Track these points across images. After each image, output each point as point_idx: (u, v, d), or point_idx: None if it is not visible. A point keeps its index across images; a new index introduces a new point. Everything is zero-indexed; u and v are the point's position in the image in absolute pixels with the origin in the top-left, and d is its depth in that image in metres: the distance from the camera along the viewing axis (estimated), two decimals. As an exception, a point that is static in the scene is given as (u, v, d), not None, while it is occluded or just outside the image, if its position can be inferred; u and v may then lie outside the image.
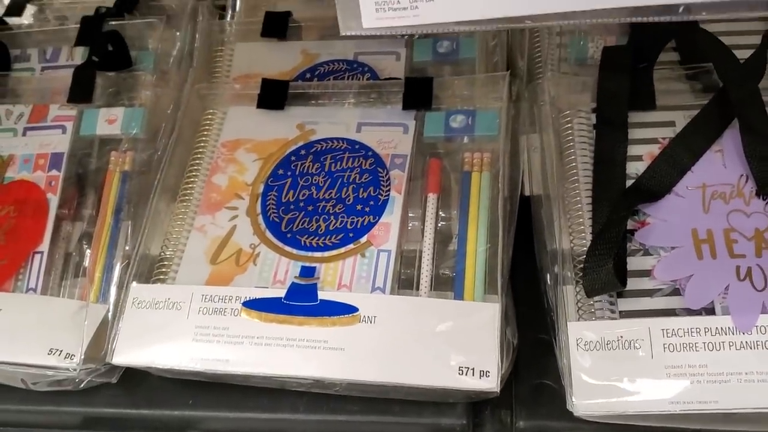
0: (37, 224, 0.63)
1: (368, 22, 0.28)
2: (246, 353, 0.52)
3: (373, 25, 0.29)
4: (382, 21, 0.28)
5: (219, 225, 0.60)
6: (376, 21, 0.28)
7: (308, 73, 0.70)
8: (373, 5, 0.28)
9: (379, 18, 0.28)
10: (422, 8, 0.27)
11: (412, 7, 0.27)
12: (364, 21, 0.28)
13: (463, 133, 0.60)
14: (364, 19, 0.28)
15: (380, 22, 0.28)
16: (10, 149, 0.67)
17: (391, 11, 0.28)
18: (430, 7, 0.27)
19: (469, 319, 0.51)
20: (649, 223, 0.53)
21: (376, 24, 0.28)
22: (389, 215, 0.58)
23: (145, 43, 0.72)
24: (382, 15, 0.28)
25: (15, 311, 0.59)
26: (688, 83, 0.59)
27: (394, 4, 0.28)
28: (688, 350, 0.48)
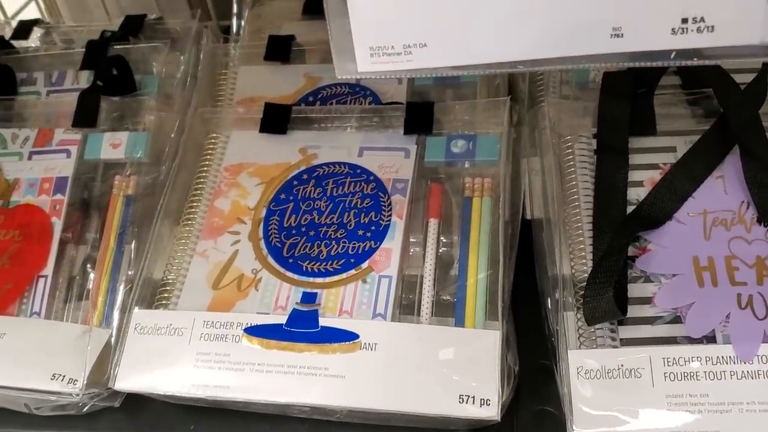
0: (41, 248, 0.63)
1: (363, 67, 0.29)
2: (247, 380, 0.53)
3: (368, 69, 0.29)
4: (376, 65, 0.29)
5: (221, 250, 0.60)
6: (371, 65, 0.29)
7: (311, 96, 0.71)
8: (368, 51, 0.28)
9: (373, 62, 0.28)
10: (416, 54, 0.28)
11: (406, 53, 0.28)
12: (359, 66, 0.29)
13: (464, 158, 0.60)
14: (360, 63, 0.29)
15: (375, 66, 0.29)
16: (15, 173, 0.68)
17: (385, 56, 0.28)
18: (423, 52, 0.28)
19: (470, 346, 0.51)
20: (650, 249, 0.53)
21: (371, 68, 0.29)
22: (390, 240, 0.58)
23: (149, 67, 0.73)
24: (376, 60, 0.28)
25: (19, 335, 0.60)
26: (689, 108, 0.59)
27: (388, 49, 0.28)
28: (689, 379, 0.47)
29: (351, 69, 0.29)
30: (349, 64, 0.29)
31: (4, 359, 0.58)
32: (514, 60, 0.28)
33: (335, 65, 0.30)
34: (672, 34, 0.26)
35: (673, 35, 0.26)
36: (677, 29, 0.26)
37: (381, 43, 0.28)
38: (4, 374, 0.57)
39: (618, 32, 0.27)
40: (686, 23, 0.26)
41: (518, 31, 0.27)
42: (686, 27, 0.26)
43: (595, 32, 0.27)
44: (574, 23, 0.27)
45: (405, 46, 0.28)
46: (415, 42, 0.28)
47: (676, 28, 0.26)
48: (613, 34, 0.27)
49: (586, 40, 0.27)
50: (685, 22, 0.26)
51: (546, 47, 0.27)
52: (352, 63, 0.29)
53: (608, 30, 0.27)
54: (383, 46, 0.28)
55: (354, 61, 0.29)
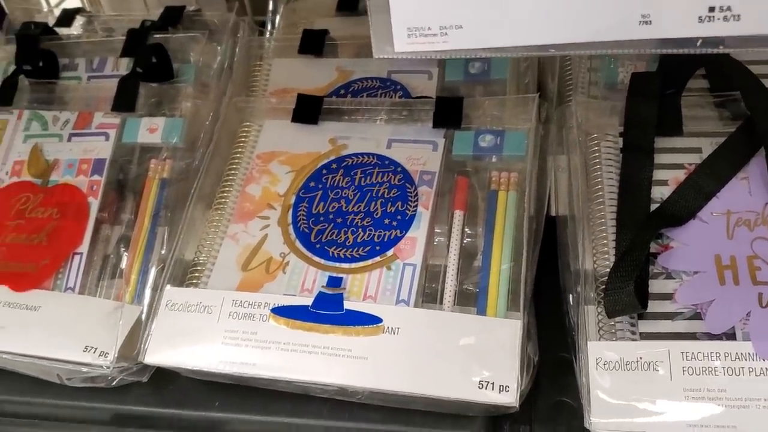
0: (78, 226, 0.65)
1: (400, 47, 0.30)
2: (273, 358, 0.54)
3: (405, 49, 0.30)
4: (413, 46, 0.30)
5: (251, 233, 0.62)
6: (407, 45, 0.30)
7: (342, 89, 0.72)
8: (405, 31, 0.29)
9: (410, 43, 0.30)
10: (451, 35, 0.29)
11: (442, 34, 0.29)
12: (396, 45, 0.30)
13: (491, 152, 0.62)
14: (397, 43, 0.30)
15: (411, 46, 0.30)
16: (55, 154, 0.70)
17: (422, 36, 0.29)
18: (458, 34, 0.29)
19: (491, 334, 0.52)
20: (672, 247, 0.54)
21: (408, 48, 0.30)
22: (416, 230, 0.59)
23: (187, 56, 0.75)
24: (413, 40, 0.30)
25: (54, 309, 0.62)
26: (716, 111, 0.60)
27: (425, 30, 0.29)
28: (707, 374, 0.48)
29: (388, 49, 0.30)
30: (387, 45, 0.30)
31: (39, 330, 0.60)
32: (546, 43, 0.29)
33: (373, 46, 0.31)
34: (699, 22, 0.27)
35: (700, 23, 0.27)
36: (704, 17, 0.27)
37: (418, 24, 0.30)
38: (39, 344, 0.60)
39: (647, 19, 0.28)
40: (713, 12, 0.27)
41: (550, 15, 0.28)
42: (713, 15, 0.27)
43: (625, 19, 0.28)
44: (605, 9, 0.28)
45: (441, 28, 0.29)
46: (451, 23, 0.29)
47: (704, 16, 0.27)
48: (642, 21, 0.28)
49: (615, 26, 0.28)
50: (712, 10, 0.27)
51: (576, 32, 0.28)
52: (390, 43, 0.30)
53: (637, 17, 0.28)
54: (420, 27, 0.30)
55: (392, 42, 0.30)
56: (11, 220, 0.67)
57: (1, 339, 0.61)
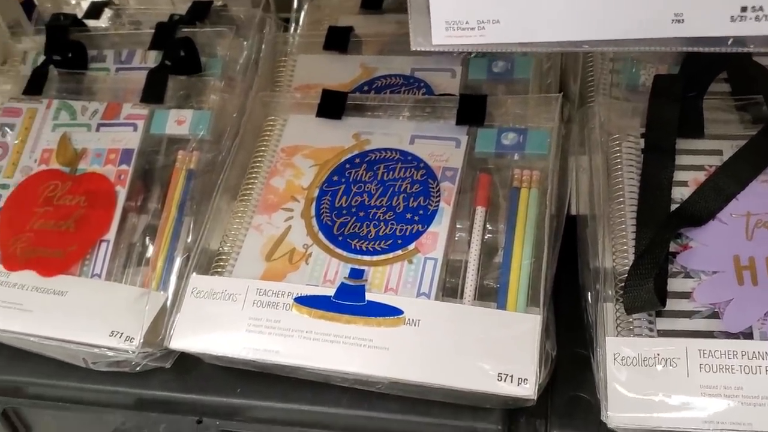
0: (105, 214, 0.67)
1: (438, 39, 0.31)
2: (295, 346, 0.55)
3: (442, 42, 0.31)
4: (450, 39, 0.31)
5: (275, 225, 0.63)
6: (445, 38, 0.31)
7: (366, 85, 0.74)
8: (443, 24, 0.30)
9: (448, 36, 0.31)
10: (488, 29, 0.30)
11: (479, 28, 0.30)
12: (434, 38, 0.31)
13: (513, 150, 0.62)
14: (434, 36, 0.31)
15: (449, 39, 0.31)
16: (84, 143, 0.71)
17: (459, 30, 0.30)
18: (495, 28, 0.30)
19: (510, 328, 0.53)
20: (691, 246, 0.55)
21: (445, 41, 0.31)
22: (437, 225, 0.60)
23: (214, 51, 0.76)
24: (451, 33, 0.31)
25: (81, 294, 0.63)
26: (737, 114, 0.60)
27: (462, 24, 0.30)
28: (724, 372, 0.49)
29: (426, 42, 0.31)
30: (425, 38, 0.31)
31: (66, 314, 0.62)
32: (580, 39, 0.30)
33: (411, 38, 0.32)
34: (731, 21, 0.28)
35: (732, 22, 0.28)
36: (736, 17, 0.28)
37: (457, 18, 0.31)
38: (66, 328, 0.61)
39: (679, 18, 0.29)
40: (745, 11, 0.28)
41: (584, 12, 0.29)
42: (745, 15, 0.28)
43: (658, 17, 0.29)
44: (639, 7, 0.29)
45: (479, 22, 0.30)
46: (489, 18, 0.30)
47: (735, 15, 0.28)
48: (674, 20, 0.29)
49: (648, 24, 0.29)
50: (745, 10, 0.28)
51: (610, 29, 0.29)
52: (428, 36, 0.31)
53: (670, 15, 0.29)
54: (458, 20, 0.31)
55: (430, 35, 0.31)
56: (39, 207, 0.69)
57: (29, 322, 0.62)
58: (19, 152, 0.73)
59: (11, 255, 0.66)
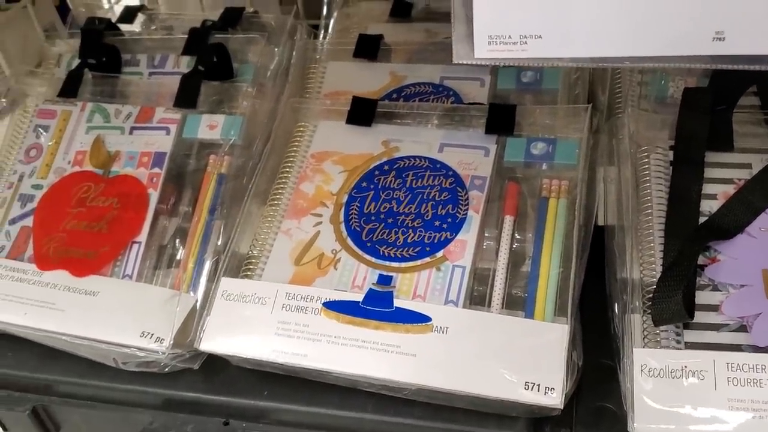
0: (137, 216, 0.68)
1: (480, 53, 0.32)
2: (323, 350, 0.56)
3: (484, 56, 0.32)
4: (492, 53, 0.31)
5: (304, 230, 0.64)
6: (487, 52, 0.31)
7: (395, 93, 0.74)
8: (486, 38, 0.31)
9: (491, 50, 0.31)
10: (530, 44, 0.31)
11: (522, 42, 0.31)
12: (477, 52, 0.32)
13: (542, 160, 0.63)
14: (477, 49, 0.32)
15: (491, 53, 0.32)
16: (117, 146, 0.73)
17: (502, 44, 0.31)
18: (537, 43, 0.31)
19: (538, 337, 0.54)
20: (719, 260, 0.55)
21: (487, 55, 0.32)
22: (466, 233, 0.60)
23: (245, 57, 0.77)
24: (493, 47, 0.31)
25: (112, 294, 0.64)
26: (766, 128, 0.60)
27: (505, 38, 0.31)
28: (752, 386, 0.49)
29: (469, 55, 0.32)
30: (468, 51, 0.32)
31: (97, 314, 0.63)
32: (621, 56, 0.30)
33: (454, 51, 0.32)
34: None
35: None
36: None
37: (499, 32, 0.31)
38: (97, 328, 0.62)
39: (720, 36, 0.29)
40: (787, 30, 0.28)
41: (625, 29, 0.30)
42: (787, 34, 0.29)
43: (699, 35, 0.29)
44: (680, 25, 0.29)
45: (521, 36, 0.31)
46: (531, 33, 0.31)
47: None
48: (715, 38, 0.29)
49: (689, 42, 0.29)
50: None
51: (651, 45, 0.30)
52: (471, 50, 0.32)
53: (711, 33, 0.29)
54: (501, 35, 0.31)
55: (472, 48, 0.32)
56: (72, 208, 0.70)
57: (61, 322, 0.63)
58: (53, 153, 0.75)
59: (45, 255, 0.68)
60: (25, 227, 0.71)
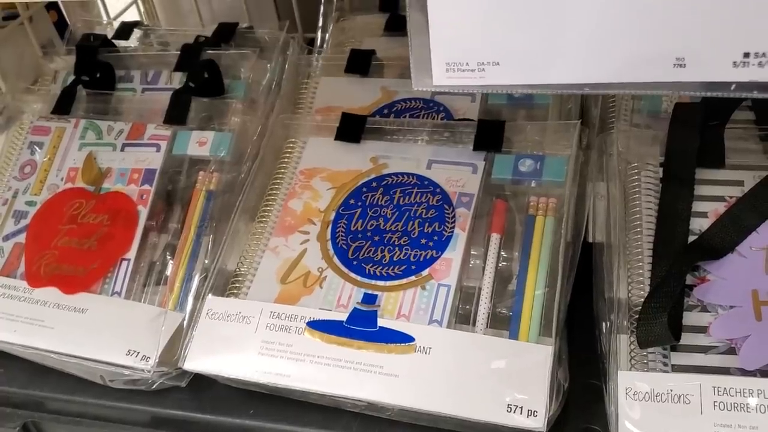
0: (127, 233, 0.68)
1: (439, 81, 0.31)
2: (306, 370, 0.56)
3: (443, 83, 0.31)
4: (451, 80, 0.31)
5: (291, 247, 0.64)
6: (446, 80, 0.31)
7: (386, 108, 0.74)
8: (444, 66, 0.31)
9: (449, 77, 0.31)
10: (488, 71, 0.30)
11: (479, 70, 0.30)
12: (435, 79, 0.31)
13: (530, 177, 0.62)
14: (435, 77, 0.31)
15: (449, 80, 0.31)
16: (109, 162, 0.73)
17: (459, 72, 0.31)
18: (495, 70, 0.30)
19: (522, 358, 0.53)
20: (709, 280, 0.54)
21: (446, 82, 0.31)
22: (452, 251, 0.60)
23: (238, 72, 0.77)
24: (451, 74, 0.31)
25: (100, 312, 0.64)
26: (760, 144, 0.59)
27: (463, 65, 0.31)
28: (739, 410, 0.48)
29: (427, 82, 0.32)
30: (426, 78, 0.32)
31: (85, 332, 0.63)
32: (580, 83, 0.30)
33: (413, 78, 0.32)
34: (734, 67, 0.28)
35: (735, 68, 0.28)
36: (739, 63, 0.28)
37: (457, 60, 0.31)
38: (85, 346, 0.62)
39: (681, 62, 0.28)
40: (748, 57, 0.28)
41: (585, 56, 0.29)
42: (748, 61, 0.28)
43: (660, 61, 0.28)
44: (640, 52, 0.28)
45: (479, 64, 0.30)
46: (489, 60, 0.30)
47: (738, 61, 0.28)
48: (676, 64, 0.28)
49: (650, 69, 0.29)
50: (747, 56, 0.28)
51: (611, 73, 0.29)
52: (429, 77, 0.31)
53: (672, 60, 0.28)
54: (459, 62, 0.31)
55: (431, 75, 0.31)
56: (64, 225, 0.70)
57: (49, 339, 0.63)
58: (46, 170, 0.75)
59: (35, 272, 0.68)
60: (18, 244, 0.71)
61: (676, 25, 0.28)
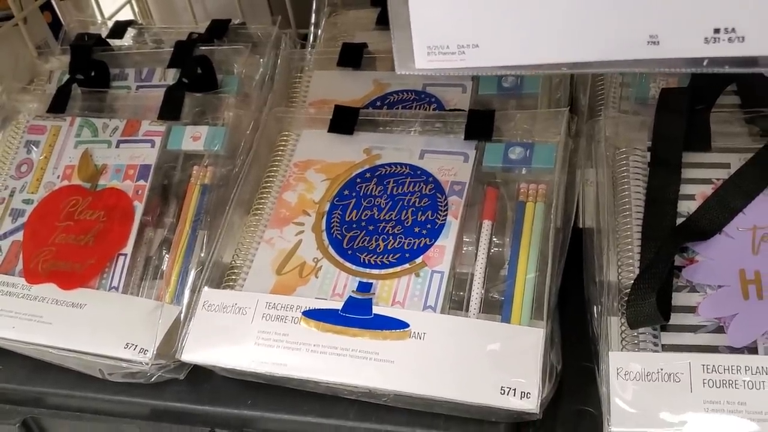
0: (123, 229, 0.69)
1: (420, 64, 0.32)
2: (302, 359, 0.56)
3: (425, 66, 0.32)
4: (432, 63, 0.32)
5: (286, 239, 0.64)
6: (427, 63, 0.32)
7: (379, 101, 0.75)
8: (425, 49, 0.31)
9: (430, 60, 0.32)
10: (468, 53, 0.31)
11: (459, 52, 0.31)
12: (417, 62, 0.32)
13: (520, 164, 0.63)
14: (417, 60, 0.32)
15: (431, 64, 0.32)
16: (104, 159, 0.74)
17: (441, 55, 0.31)
18: (475, 52, 0.31)
19: (514, 342, 0.54)
20: (697, 260, 0.55)
21: (427, 65, 0.32)
22: (445, 238, 0.61)
23: (231, 68, 0.78)
24: (432, 58, 0.31)
25: (98, 307, 0.65)
26: (746, 127, 0.60)
27: (444, 48, 0.31)
28: (727, 387, 0.49)
29: (410, 66, 0.32)
30: (409, 62, 0.32)
31: (84, 327, 0.64)
32: (558, 62, 0.31)
33: (396, 62, 0.33)
34: (705, 43, 0.29)
35: (706, 44, 0.29)
36: (710, 39, 0.29)
37: (437, 43, 0.31)
38: (83, 340, 0.63)
39: (654, 40, 0.29)
40: (718, 33, 0.28)
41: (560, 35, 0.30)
42: (718, 37, 0.28)
43: (634, 39, 0.29)
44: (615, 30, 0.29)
45: (459, 46, 0.31)
46: (468, 43, 0.31)
47: (709, 37, 0.29)
48: (649, 41, 0.29)
49: (624, 46, 0.29)
50: (718, 32, 0.28)
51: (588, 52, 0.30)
52: (412, 61, 0.32)
53: (645, 37, 0.29)
54: (439, 45, 0.31)
55: (413, 59, 0.32)
56: (61, 222, 0.71)
57: (48, 334, 0.64)
58: (43, 168, 0.76)
59: (33, 268, 0.68)
60: (16, 242, 0.72)
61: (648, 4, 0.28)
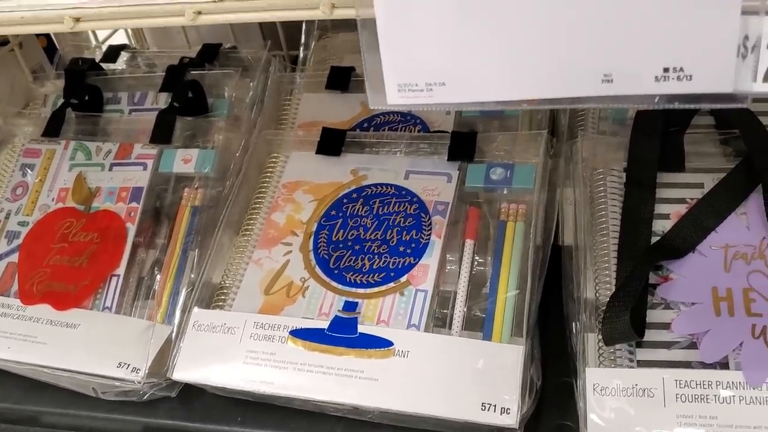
0: (116, 250, 0.70)
1: (392, 100, 0.34)
2: (290, 378, 0.58)
3: (396, 102, 0.34)
4: (403, 99, 0.34)
5: (274, 259, 0.66)
6: (398, 99, 0.34)
7: (366, 123, 0.77)
8: (396, 86, 0.33)
9: (401, 96, 0.34)
10: (436, 90, 0.33)
11: (428, 89, 0.33)
12: (388, 99, 0.34)
13: (501, 184, 0.65)
14: (389, 97, 0.34)
15: (402, 99, 0.34)
16: (98, 182, 0.75)
17: (410, 91, 0.33)
18: (442, 90, 0.33)
19: (494, 358, 0.55)
20: (671, 278, 0.56)
21: (399, 101, 0.34)
22: (429, 257, 0.62)
23: (221, 91, 0.80)
24: (403, 94, 0.33)
25: (92, 327, 0.66)
26: (719, 147, 0.62)
27: (413, 86, 0.33)
28: (699, 401, 0.50)
29: (382, 101, 0.34)
30: (381, 97, 0.34)
31: (77, 347, 0.65)
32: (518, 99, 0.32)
33: (368, 97, 0.35)
34: (655, 81, 0.31)
35: (657, 82, 0.31)
36: (660, 77, 0.30)
37: (407, 81, 0.33)
38: (77, 360, 0.64)
39: (608, 78, 0.31)
40: (668, 72, 0.30)
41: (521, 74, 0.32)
42: (668, 75, 0.30)
43: (589, 77, 0.31)
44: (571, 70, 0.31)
45: (427, 84, 0.33)
46: (436, 81, 0.33)
47: (659, 76, 0.30)
48: (604, 80, 0.31)
49: (581, 84, 0.31)
50: (667, 71, 0.30)
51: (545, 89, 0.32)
52: (384, 96, 0.34)
53: (600, 76, 0.31)
54: (409, 83, 0.33)
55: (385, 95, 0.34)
56: (55, 243, 0.73)
57: (43, 354, 0.66)
58: (38, 191, 0.77)
59: (28, 290, 0.70)
60: (11, 263, 0.74)
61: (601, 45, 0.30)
